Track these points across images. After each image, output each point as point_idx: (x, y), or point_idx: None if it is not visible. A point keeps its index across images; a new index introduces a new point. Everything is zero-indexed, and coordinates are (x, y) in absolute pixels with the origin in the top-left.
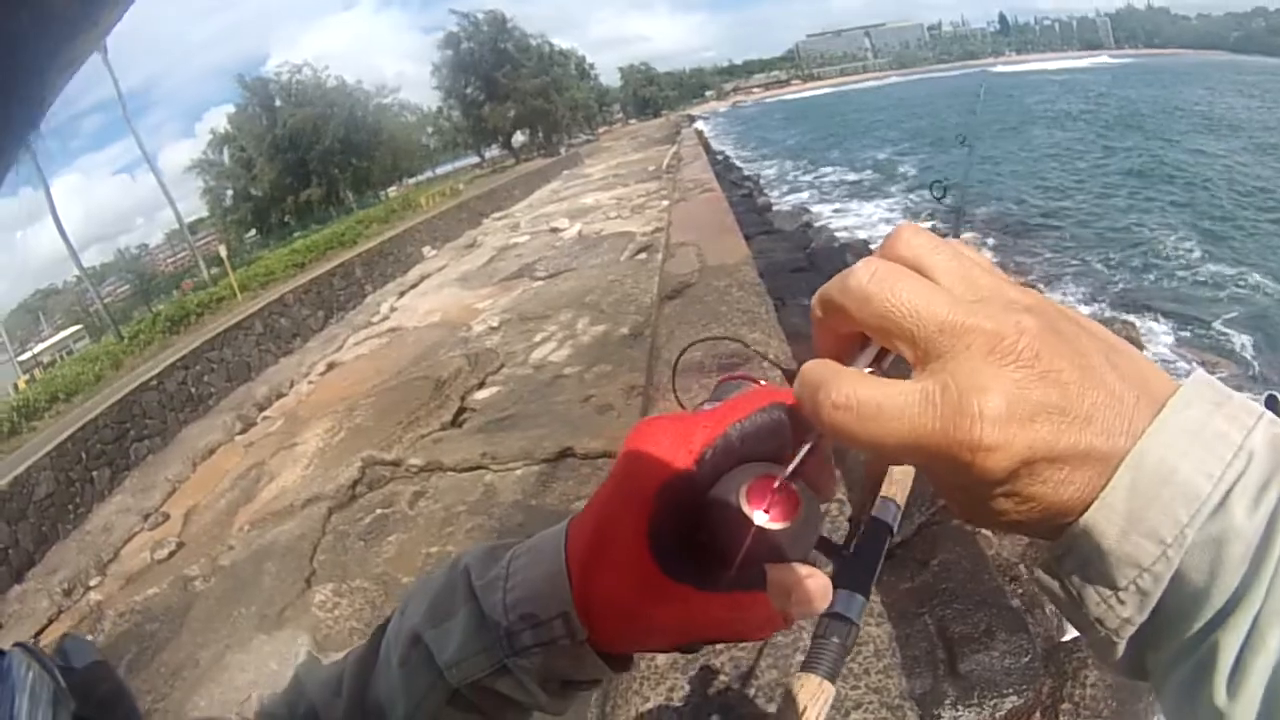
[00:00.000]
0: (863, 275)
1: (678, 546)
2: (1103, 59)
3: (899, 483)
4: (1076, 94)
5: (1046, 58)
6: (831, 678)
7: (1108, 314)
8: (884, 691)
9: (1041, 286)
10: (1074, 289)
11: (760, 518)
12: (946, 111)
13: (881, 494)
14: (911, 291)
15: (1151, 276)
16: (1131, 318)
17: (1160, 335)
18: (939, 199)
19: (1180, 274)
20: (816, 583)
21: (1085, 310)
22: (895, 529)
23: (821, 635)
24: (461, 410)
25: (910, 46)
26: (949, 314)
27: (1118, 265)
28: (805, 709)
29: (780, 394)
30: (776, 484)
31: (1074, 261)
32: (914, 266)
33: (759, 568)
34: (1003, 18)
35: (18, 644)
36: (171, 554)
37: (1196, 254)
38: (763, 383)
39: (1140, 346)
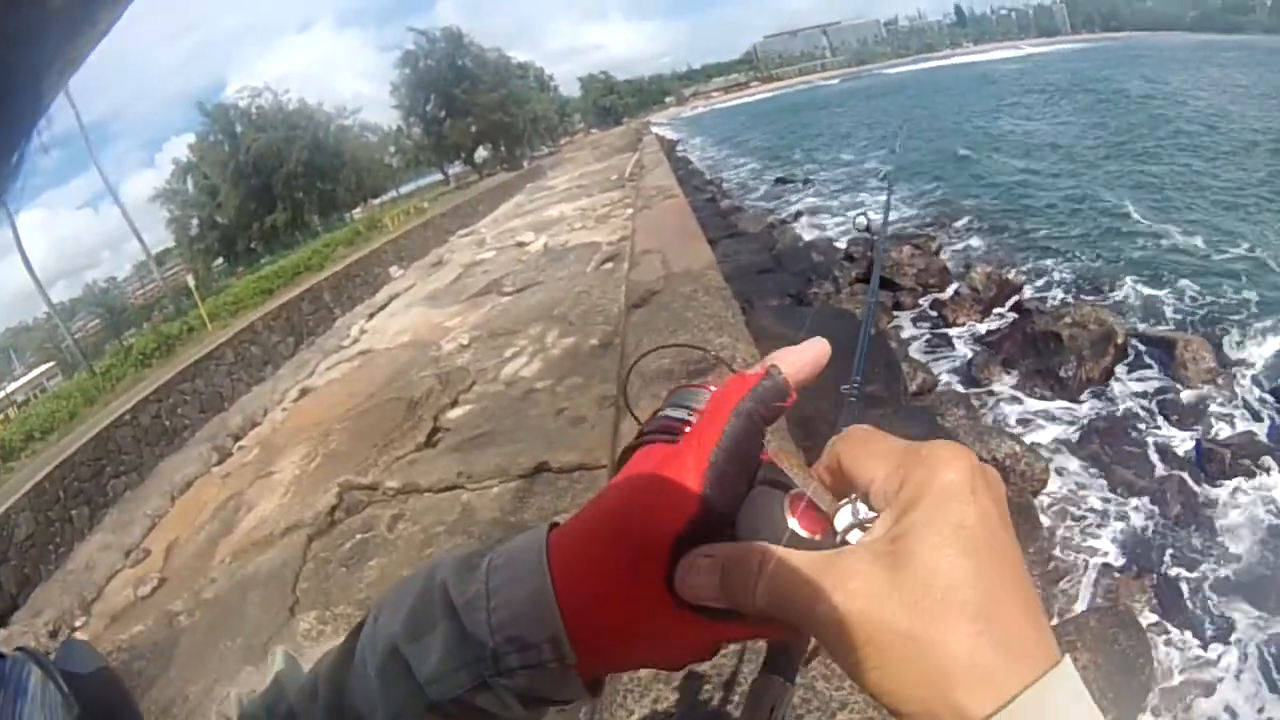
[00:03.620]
0: None
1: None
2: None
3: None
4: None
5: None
6: (791, 679)
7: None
8: None
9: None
10: None
11: (805, 533)
12: None
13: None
14: None
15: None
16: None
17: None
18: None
19: None
20: None
21: None
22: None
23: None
24: (435, 430)
25: (868, 43)
26: None
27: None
28: (772, 708)
29: (732, 393)
30: (804, 503)
31: None
32: None
33: None
34: (958, 9)
35: (20, 648)
36: (154, 590)
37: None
38: (712, 389)
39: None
